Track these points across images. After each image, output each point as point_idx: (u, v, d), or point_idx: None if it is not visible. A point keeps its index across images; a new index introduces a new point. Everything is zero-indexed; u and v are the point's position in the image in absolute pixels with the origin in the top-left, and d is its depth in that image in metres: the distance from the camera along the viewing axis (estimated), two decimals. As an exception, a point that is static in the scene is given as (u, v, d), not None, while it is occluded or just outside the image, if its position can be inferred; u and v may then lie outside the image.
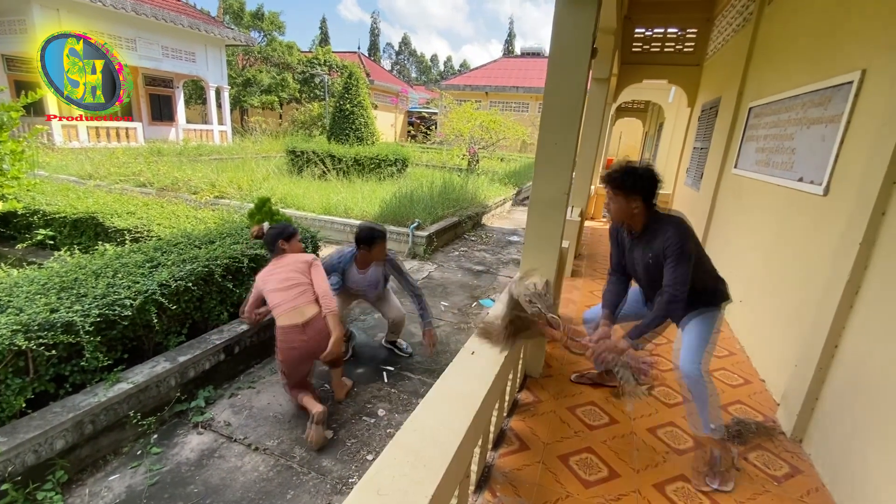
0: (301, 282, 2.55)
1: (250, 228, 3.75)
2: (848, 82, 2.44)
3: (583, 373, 2.86)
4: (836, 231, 2.29)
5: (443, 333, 3.85)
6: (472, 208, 8.28)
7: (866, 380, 1.93)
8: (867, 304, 2.00)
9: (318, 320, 2.50)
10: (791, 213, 2.97)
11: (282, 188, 7.93)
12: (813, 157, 2.74)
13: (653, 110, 14.23)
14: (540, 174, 2.48)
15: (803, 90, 3.00)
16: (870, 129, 2.18)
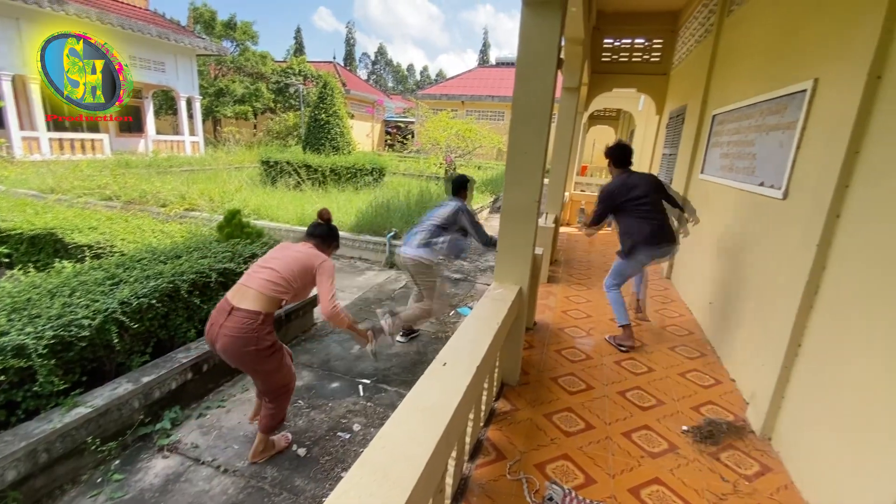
0: (278, 276, 2.15)
1: (220, 242, 3.66)
2: (801, 90, 2.55)
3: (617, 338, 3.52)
4: (795, 233, 2.37)
5: (420, 344, 3.82)
6: (449, 216, 8.27)
7: (828, 377, 1.99)
8: (826, 303, 2.07)
9: (245, 319, 2.05)
10: (754, 217, 3.06)
11: (255, 199, 7.79)
12: (772, 162, 2.84)
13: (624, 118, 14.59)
14: (510, 182, 2.50)
15: (761, 98, 3.12)
16: (823, 136, 2.27)
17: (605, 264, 5.96)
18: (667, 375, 3.05)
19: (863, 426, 1.75)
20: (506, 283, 2.70)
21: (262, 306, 2.10)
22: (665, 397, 2.78)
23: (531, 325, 3.70)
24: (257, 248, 3.53)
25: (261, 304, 2.10)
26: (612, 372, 3.07)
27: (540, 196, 2.53)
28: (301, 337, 3.82)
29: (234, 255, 3.34)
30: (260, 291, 2.11)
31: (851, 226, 1.96)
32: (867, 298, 1.80)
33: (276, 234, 6.39)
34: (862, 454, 1.73)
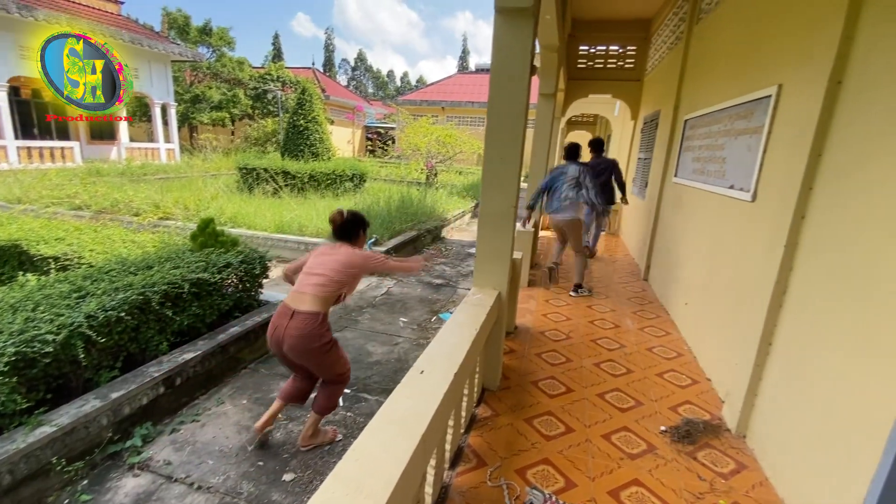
0: (327, 279, 2.33)
1: (193, 251, 3.57)
2: (767, 96, 2.62)
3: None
4: (763, 235, 2.44)
5: (401, 351, 3.78)
6: (430, 222, 8.29)
7: (798, 374, 2.04)
8: (795, 302, 2.12)
9: (308, 320, 2.26)
10: (725, 219, 3.14)
11: (232, 207, 7.64)
12: (741, 165, 2.92)
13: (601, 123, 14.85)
14: (488, 188, 2.50)
15: (730, 103, 3.21)
16: (788, 139, 2.34)
17: (584, 267, 6.01)
18: (645, 376, 3.09)
19: (832, 421, 1.79)
20: (485, 288, 2.70)
21: (319, 307, 2.33)
22: (643, 398, 2.81)
23: (512, 330, 3.70)
24: (232, 258, 3.45)
25: (317, 305, 2.32)
26: (591, 374, 3.09)
27: (517, 201, 2.54)
28: (279, 347, 3.74)
29: (208, 265, 3.26)
30: (315, 294, 2.34)
31: (816, 226, 2.02)
32: (833, 297, 1.86)
33: (252, 242, 6.27)
34: (832, 449, 1.77)
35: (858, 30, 1.88)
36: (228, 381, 3.19)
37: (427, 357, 1.85)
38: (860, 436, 1.63)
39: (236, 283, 3.51)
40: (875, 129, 1.73)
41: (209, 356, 3.01)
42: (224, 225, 6.72)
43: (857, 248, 1.75)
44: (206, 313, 3.15)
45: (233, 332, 3.22)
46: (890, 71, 1.69)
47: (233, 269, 3.37)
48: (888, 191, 1.63)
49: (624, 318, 4.17)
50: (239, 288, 3.54)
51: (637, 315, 4.27)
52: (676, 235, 4.37)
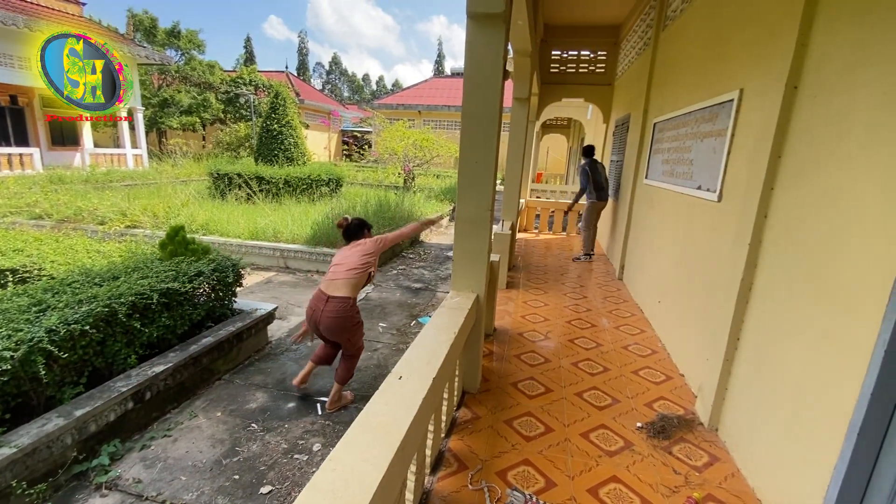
0: (355, 265, 2.84)
1: (162, 260, 3.46)
2: (729, 100, 2.72)
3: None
4: (729, 233, 2.52)
5: (381, 356, 3.75)
6: (408, 226, 8.24)
7: (765, 368, 2.11)
8: (759, 298, 2.20)
9: (341, 304, 2.74)
10: (694, 219, 3.23)
11: (203, 214, 7.44)
12: (708, 166, 3.01)
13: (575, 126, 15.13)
14: (463, 192, 2.51)
15: (695, 107, 3.32)
16: (750, 142, 2.44)
17: (561, 268, 6.11)
18: (621, 374, 3.15)
19: (797, 411, 1.86)
20: (463, 291, 2.71)
21: (350, 292, 2.80)
22: (620, 395, 2.86)
23: (491, 332, 3.72)
24: (204, 266, 3.36)
25: (349, 290, 2.79)
26: (569, 374, 3.13)
27: (492, 204, 2.56)
28: (254, 357, 3.66)
29: (178, 274, 3.16)
30: (347, 280, 2.81)
31: (778, 224, 2.10)
32: (793, 291, 1.94)
33: (226, 249, 6.12)
34: (797, 438, 1.84)
35: (812, 37, 1.98)
36: (202, 394, 3.10)
37: (405, 362, 1.84)
38: (823, 425, 1.70)
39: (208, 293, 3.41)
40: (830, 130, 1.81)
41: (181, 368, 2.92)
42: (195, 232, 6.54)
43: (813, 244, 1.83)
44: (176, 324, 3.06)
45: (205, 342, 3.13)
46: (841, 76, 1.78)
47: (204, 277, 3.28)
48: (841, 191, 1.72)
49: (600, 318, 4.24)
50: (211, 297, 3.44)
51: (613, 314, 4.35)
52: (649, 235, 4.47)
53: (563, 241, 8.15)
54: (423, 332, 2.17)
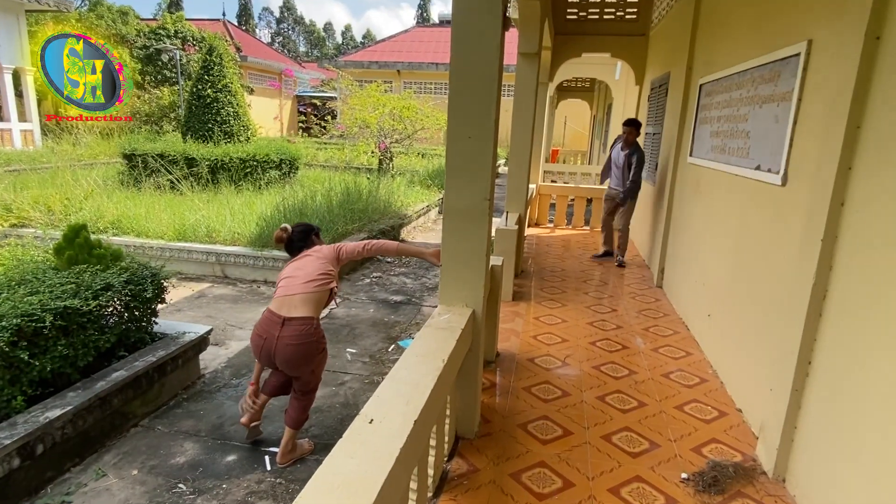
0: (312, 276, 2.88)
1: (59, 270, 3.42)
2: (795, 54, 2.75)
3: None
4: (797, 226, 2.54)
5: (349, 392, 3.74)
6: (386, 220, 8.28)
7: (845, 399, 2.13)
8: (837, 310, 2.22)
9: (303, 326, 2.75)
10: (752, 208, 3.26)
11: (114, 208, 7.38)
12: (768, 140, 3.04)
13: (600, 90, 15.22)
14: (453, 177, 2.51)
15: (752, 64, 3.35)
16: (821, 108, 2.46)
17: (583, 273, 6.14)
18: (661, 410, 3.16)
19: (888, 456, 1.88)
20: (454, 306, 2.70)
21: (312, 310, 2.82)
22: (660, 438, 2.87)
23: (492, 358, 3.72)
24: (113, 277, 3.32)
25: (311, 308, 2.81)
26: (594, 410, 3.14)
27: (491, 192, 2.56)
28: (182, 395, 3.62)
29: (80, 288, 3.12)
30: (305, 295, 2.82)
31: (858, 215, 2.12)
32: (883, 302, 1.95)
33: (144, 254, 6.06)
34: (891, 491, 1.86)
35: (898, -27, 2.00)
36: (112, 446, 3.07)
37: (378, 401, 1.82)
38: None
39: (120, 312, 3.38)
40: (921, 94, 1.83)
41: (84, 412, 2.89)
42: (103, 232, 6.47)
43: (906, 240, 1.85)
44: (78, 354, 3.02)
45: (116, 377, 3.10)
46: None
47: (115, 292, 3.25)
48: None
49: (634, 337, 4.26)
50: (124, 318, 3.41)
51: (650, 332, 4.38)
52: (695, 230, 4.50)
53: (585, 238, 8.19)
54: (401, 360, 2.16)
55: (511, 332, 4.31)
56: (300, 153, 12.39)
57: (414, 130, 14.90)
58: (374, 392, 1.90)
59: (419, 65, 25.66)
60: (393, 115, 14.25)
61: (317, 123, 19.99)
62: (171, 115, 20.18)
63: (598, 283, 5.77)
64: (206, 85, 11.69)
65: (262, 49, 32.68)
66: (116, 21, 22.52)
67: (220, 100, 11.71)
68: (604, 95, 14.35)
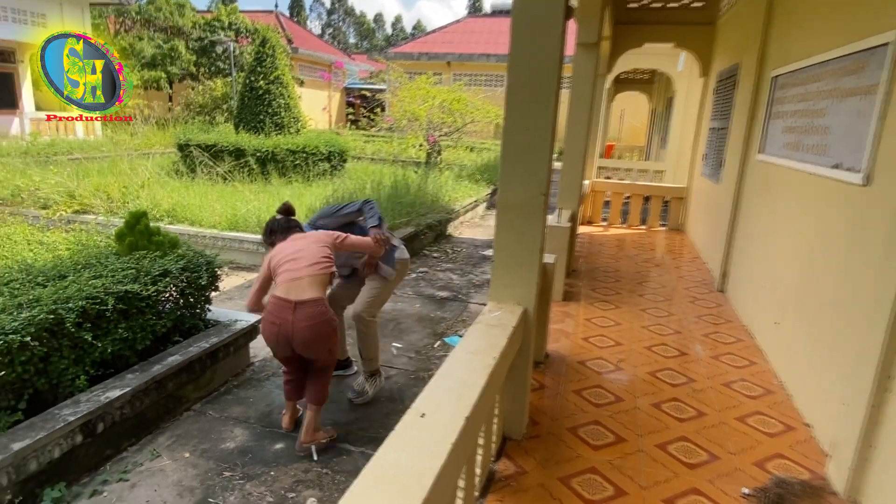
0: (315, 258, 2.95)
1: (120, 255, 3.61)
2: (882, 44, 2.61)
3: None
4: (881, 229, 2.42)
5: (395, 386, 3.80)
6: (433, 214, 8.33)
7: (928, 418, 2.02)
8: (923, 321, 2.11)
9: (316, 307, 2.85)
10: (828, 209, 3.12)
11: (169, 197, 7.74)
12: (849, 137, 2.90)
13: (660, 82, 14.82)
14: (508, 171, 2.51)
15: (833, 54, 3.20)
16: (912, 102, 2.33)
17: (638, 274, 6.02)
18: (721, 421, 3.08)
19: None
20: (505, 303, 2.71)
21: (321, 290, 2.92)
22: (719, 450, 2.80)
23: (542, 359, 3.71)
24: (171, 264, 3.48)
25: (318, 289, 2.91)
26: (649, 418, 3.09)
27: (548, 187, 2.55)
28: (232, 382, 3.77)
29: (140, 273, 3.29)
30: (312, 276, 2.89)
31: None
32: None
33: (197, 243, 6.33)
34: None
35: None
36: (166, 428, 3.22)
37: (429, 395, 1.86)
38: None
39: (176, 298, 3.54)
40: None
41: (141, 394, 3.04)
42: (159, 220, 6.80)
43: None
44: (136, 337, 3.19)
45: (172, 362, 3.25)
46: None
47: (172, 278, 3.40)
48: None
49: (692, 343, 4.17)
50: (180, 304, 3.57)
51: (710, 339, 4.27)
52: (764, 232, 4.35)
53: (641, 238, 8.03)
54: (452, 356, 2.19)
55: (561, 332, 4.28)
56: (348, 145, 12.65)
57: (464, 123, 14.95)
58: (421, 386, 1.93)
59: (470, 56, 25.63)
60: (442, 107, 14.32)
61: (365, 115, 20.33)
62: (224, 107, 20.93)
63: (654, 286, 5.65)
64: (258, 76, 12.08)
65: (312, 41, 33.44)
66: (174, 13, 23.49)
67: (272, 91, 12.08)
68: (664, 88, 13.97)
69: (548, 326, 3.84)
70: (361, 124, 24.20)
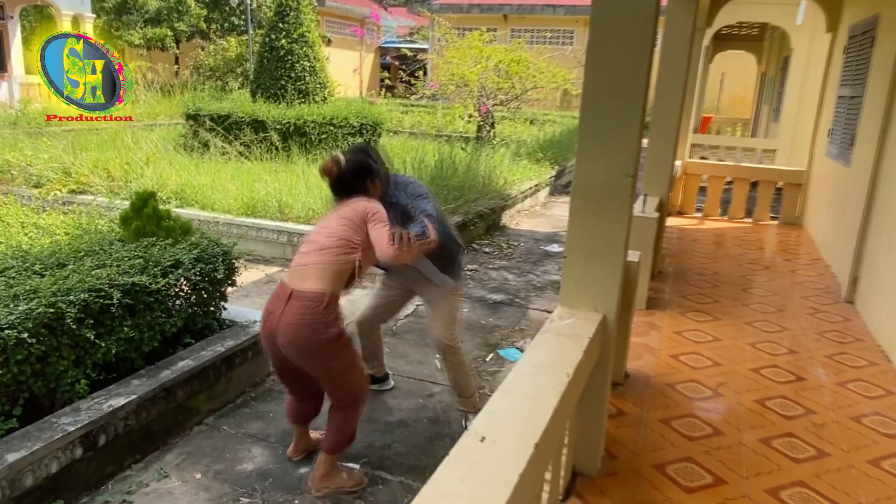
0: (331, 237, 2.77)
1: (125, 242, 3.76)
2: None
3: None
4: None
5: (439, 406, 3.83)
6: (484, 201, 8.33)
7: None
8: None
9: (307, 304, 2.65)
10: None
11: (177, 176, 7.97)
12: None
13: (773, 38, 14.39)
14: (588, 146, 2.49)
15: None
16: None
17: (742, 278, 5.89)
18: (849, 464, 2.99)
19: None
20: (580, 309, 2.68)
21: (327, 283, 2.69)
22: (846, 500, 2.72)
23: (621, 380, 3.67)
24: (183, 253, 3.60)
25: (325, 281, 2.68)
26: (756, 456, 3.02)
27: (636, 167, 2.51)
28: (250, 393, 3.88)
29: (148, 264, 3.41)
30: (319, 264, 2.71)
31: None
32: None
33: (209, 229, 6.51)
34: None
35: None
36: (175, 444, 3.34)
37: (490, 417, 1.86)
38: None
39: (188, 293, 3.66)
40: None
41: (148, 404, 3.16)
42: (166, 203, 7.02)
43: None
44: (143, 337, 3.31)
45: (183, 367, 3.37)
46: None
47: (184, 270, 3.52)
48: None
49: (812, 366, 4.06)
50: (192, 300, 3.69)
51: (835, 361, 4.15)
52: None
53: (746, 234, 7.84)
54: (516, 370, 2.19)
55: (644, 347, 4.23)
56: (383, 117, 12.72)
57: (523, 90, 14.84)
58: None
59: (532, 7, 25.44)
60: (498, 70, 14.26)
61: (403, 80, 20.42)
62: (239, 70, 21.38)
63: (762, 293, 5.51)
64: (279, 34, 12.24)
65: (342, -10, 33.83)
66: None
67: (296, 52, 12.23)
68: (778, 46, 13.54)
69: (629, 340, 3.80)
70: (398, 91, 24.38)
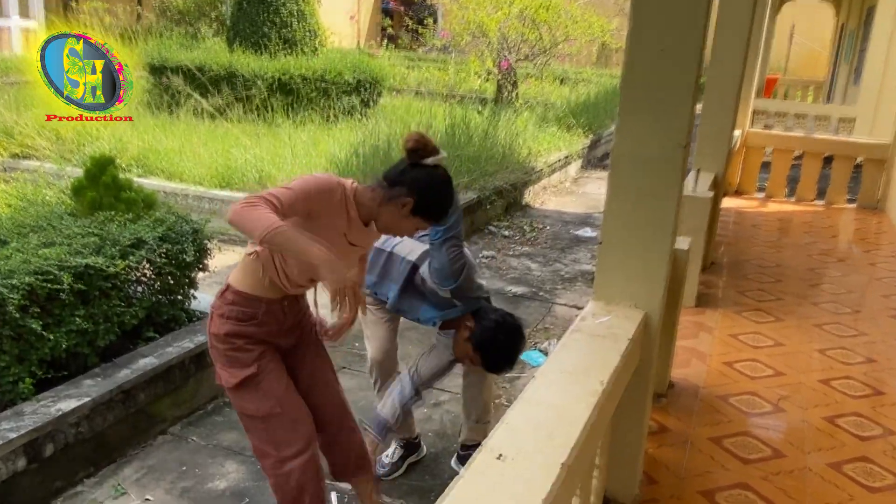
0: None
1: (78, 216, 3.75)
2: None
3: None
4: None
5: (447, 417, 3.84)
6: (504, 174, 8.32)
7: None
8: None
9: (215, 301, 2.53)
10: None
11: (139, 139, 7.96)
12: None
13: (852, -14, 14.25)
14: (630, 112, 2.48)
15: None
16: None
17: (811, 272, 5.87)
18: (938, 496, 2.99)
19: None
20: (617, 306, 2.67)
21: (238, 274, 2.48)
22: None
23: (663, 390, 3.67)
24: (146, 231, 3.60)
25: (238, 272, 2.48)
26: (825, 484, 3.02)
27: (689, 137, 2.49)
28: (223, 398, 3.88)
29: (105, 243, 3.41)
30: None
31: None
32: None
33: (179, 202, 6.52)
34: None
35: None
36: (134, 455, 3.36)
37: (509, 430, 1.86)
38: None
39: (151, 278, 3.67)
40: None
41: (103, 407, 3.18)
42: (126, 171, 7.02)
43: None
44: (98, 330, 3.32)
45: (144, 366, 3.39)
46: None
47: (147, 251, 3.52)
48: None
49: (893, 378, 4.06)
50: (156, 287, 3.70)
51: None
52: None
53: (817, 219, 7.80)
54: (540, 376, 2.18)
55: (692, 352, 4.23)
56: (384, 72, 12.66)
57: (553, 43, 14.74)
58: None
59: (565, -56, 25.21)
60: (523, 18, 14.16)
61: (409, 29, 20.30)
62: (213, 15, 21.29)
63: (836, 290, 5.50)
64: (261, -28, 12.22)
65: (337, -80, 33.61)
66: None
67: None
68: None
69: (674, 342, 3.79)
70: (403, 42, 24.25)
